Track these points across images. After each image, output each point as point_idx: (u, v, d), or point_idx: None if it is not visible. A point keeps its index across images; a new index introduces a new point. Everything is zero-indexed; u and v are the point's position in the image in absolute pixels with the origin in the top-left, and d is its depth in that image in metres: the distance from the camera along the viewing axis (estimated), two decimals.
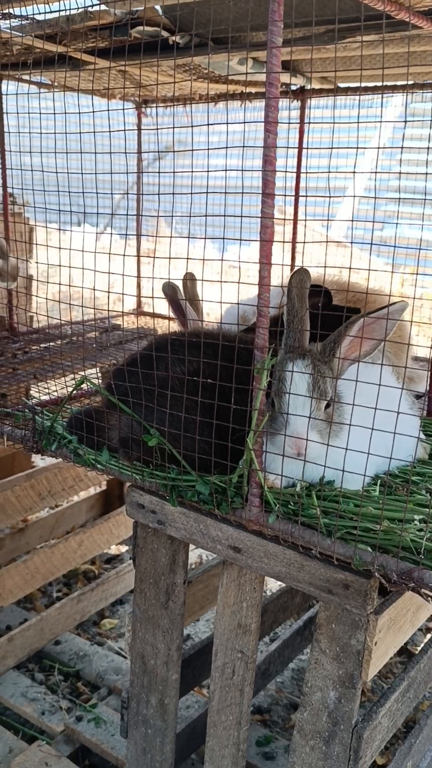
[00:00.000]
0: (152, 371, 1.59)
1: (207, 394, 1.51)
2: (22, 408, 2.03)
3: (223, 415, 1.48)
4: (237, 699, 1.71)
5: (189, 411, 1.53)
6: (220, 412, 1.49)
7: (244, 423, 1.45)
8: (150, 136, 3.58)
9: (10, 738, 2.33)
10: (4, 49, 2.40)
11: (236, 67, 2.43)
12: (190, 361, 1.58)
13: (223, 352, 1.51)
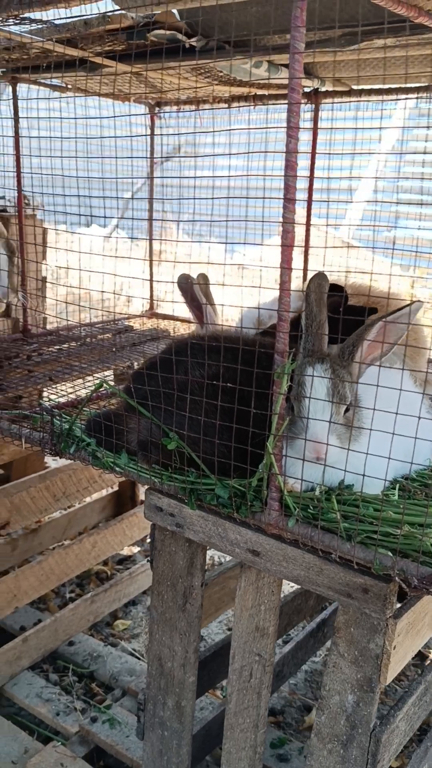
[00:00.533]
0: (171, 375, 1.59)
1: (226, 398, 1.52)
2: (40, 410, 2.04)
3: (242, 418, 1.49)
4: (254, 702, 1.71)
5: (208, 415, 1.53)
6: (239, 416, 1.49)
7: (262, 427, 1.45)
8: (162, 138, 3.59)
9: (25, 738, 2.34)
10: (21, 52, 2.41)
11: (251, 70, 2.43)
12: (209, 364, 1.59)
13: (242, 355, 1.52)
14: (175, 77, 2.70)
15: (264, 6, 2.04)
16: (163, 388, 1.60)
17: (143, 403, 1.66)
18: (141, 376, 1.66)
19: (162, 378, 1.59)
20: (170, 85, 2.80)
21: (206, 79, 2.66)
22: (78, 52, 2.28)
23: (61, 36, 2.18)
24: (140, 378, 1.66)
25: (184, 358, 1.57)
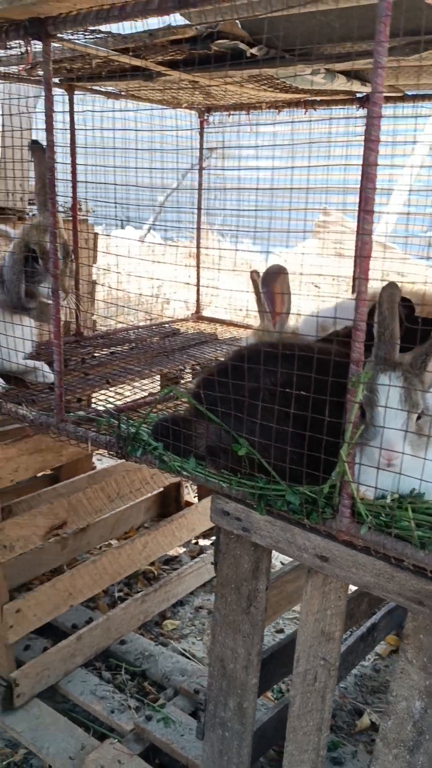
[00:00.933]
0: (241, 382, 1.62)
1: (297, 406, 1.54)
2: (105, 414, 2.09)
3: (312, 426, 1.51)
4: (318, 705, 1.73)
5: (279, 422, 1.56)
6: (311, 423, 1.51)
7: (333, 434, 1.47)
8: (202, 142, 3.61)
9: (81, 734, 2.39)
10: (83, 62, 2.46)
11: (310, 78, 2.45)
12: (280, 372, 1.61)
13: (312, 363, 1.54)
14: (230, 85, 2.73)
15: (326, 15, 2.06)
16: (234, 395, 1.62)
17: (212, 409, 1.69)
18: (211, 382, 1.68)
19: (233, 385, 1.62)
20: (224, 91, 2.83)
21: (262, 86, 2.68)
22: (140, 61, 2.32)
23: (125, 46, 2.23)
24: (210, 384, 1.69)
25: (254, 366, 1.59)
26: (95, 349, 3.11)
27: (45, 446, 2.43)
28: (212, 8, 1.52)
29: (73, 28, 1.79)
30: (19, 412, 2.17)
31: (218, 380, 1.64)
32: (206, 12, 1.86)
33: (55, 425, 2.08)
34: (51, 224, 1.97)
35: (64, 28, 1.80)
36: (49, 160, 1.92)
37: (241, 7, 1.48)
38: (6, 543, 2.35)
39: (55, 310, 2.01)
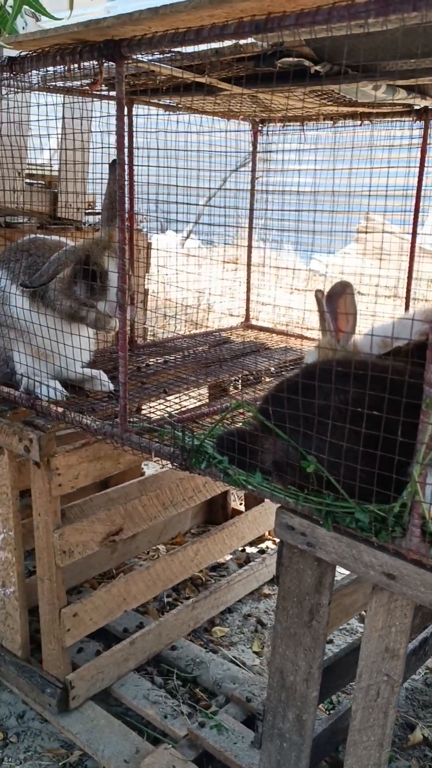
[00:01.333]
0: (313, 399, 1.64)
1: (368, 424, 1.55)
2: (169, 425, 2.12)
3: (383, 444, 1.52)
4: (380, 721, 1.74)
5: (349, 440, 1.58)
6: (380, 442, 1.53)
7: (404, 453, 1.49)
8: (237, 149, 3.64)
9: (135, 738, 2.43)
10: (147, 78, 2.51)
11: (373, 93, 2.47)
12: (346, 390, 1.63)
13: (380, 382, 1.55)
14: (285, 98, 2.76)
15: (393, 33, 2.07)
16: (303, 412, 1.65)
17: (280, 425, 1.71)
18: (280, 399, 1.71)
19: (302, 402, 1.64)
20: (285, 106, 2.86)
21: (321, 100, 2.70)
22: (205, 78, 2.35)
23: (191, 63, 2.27)
24: (278, 400, 1.72)
25: (327, 384, 1.62)
26: (148, 357, 3.16)
27: (104, 454, 2.48)
28: (290, 33, 1.54)
29: (148, 50, 1.83)
30: (83, 422, 2.22)
31: (287, 397, 1.67)
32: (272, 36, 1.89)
33: (118, 435, 2.13)
34: (120, 240, 2.01)
35: (138, 51, 1.84)
36: (121, 178, 1.97)
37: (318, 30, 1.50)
38: (66, 548, 2.40)
39: (121, 323, 2.06)
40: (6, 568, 2.58)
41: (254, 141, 3.59)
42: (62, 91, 2.72)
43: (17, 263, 2.50)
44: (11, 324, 2.48)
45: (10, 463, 2.46)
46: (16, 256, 2.52)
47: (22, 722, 2.60)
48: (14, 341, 2.49)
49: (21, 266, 2.49)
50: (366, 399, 1.52)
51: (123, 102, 1.93)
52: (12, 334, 2.49)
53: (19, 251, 2.54)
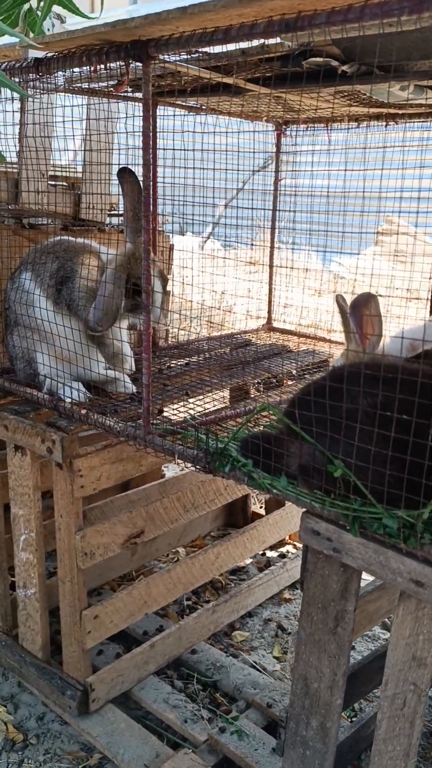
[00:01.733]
0: (337, 403, 1.62)
1: (396, 428, 1.53)
2: (193, 427, 2.11)
3: (413, 449, 1.50)
4: (406, 730, 1.71)
5: (377, 444, 1.55)
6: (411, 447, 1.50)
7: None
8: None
9: (156, 743, 2.42)
10: (172, 79, 2.50)
11: (402, 94, 2.44)
12: (375, 394, 1.60)
13: (410, 385, 1.53)
14: (313, 99, 2.73)
15: (424, 32, 2.04)
16: (330, 416, 1.62)
17: (306, 428, 1.69)
18: (306, 402, 1.69)
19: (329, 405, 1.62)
20: (313, 108, 2.84)
21: (347, 101, 2.68)
22: (231, 79, 2.34)
23: (217, 64, 2.25)
24: (305, 403, 1.70)
25: (355, 387, 1.59)
26: (170, 359, 3.15)
27: (126, 456, 2.47)
28: (320, 32, 1.52)
29: (175, 50, 1.82)
30: (106, 423, 2.21)
31: (315, 400, 1.65)
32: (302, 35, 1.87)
33: (142, 437, 2.12)
34: (144, 241, 2.00)
35: (165, 51, 1.83)
36: (146, 179, 1.96)
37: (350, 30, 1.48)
38: (87, 550, 2.40)
39: (146, 325, 2.05)
40: (27, 570, 2.58)
41: (278, 142, 3.57)
42: (87, 92, 2.72)
43: (43, 266, 2.50)
44: (35, 326, 2.48)
45: (33, 464, 2.46)
46: (42, 259, 2.52)
47: (42, 724, 2.59)
48: (38, 342, 2.49)
49: (47, 270, 2.49)
50: (395, 402, 1.49)
51: (149, 102, 1.92)
52: (36, 336, 2.49)
53: (45, 254, 2.54)
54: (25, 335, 2.52)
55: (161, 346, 3.32)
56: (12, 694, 2.73)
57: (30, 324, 2.50)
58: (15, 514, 2.58)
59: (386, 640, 3.03)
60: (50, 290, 2.47)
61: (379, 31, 1.46)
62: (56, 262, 2.50)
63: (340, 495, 1.65)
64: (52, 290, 2.47)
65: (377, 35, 1.78)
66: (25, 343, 2.53)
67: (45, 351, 2.50)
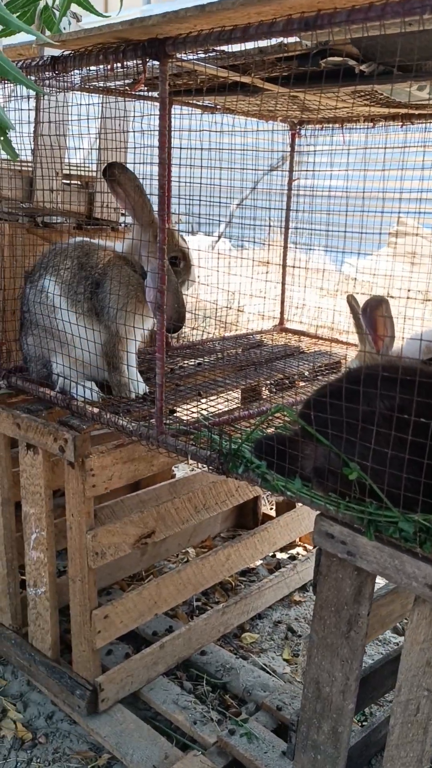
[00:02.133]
0: (354, 405, 1.61)
1: (413, 431, 1.51)
2: (206, 428, 2.10)
3: (429, 452, 1.48)
4: (419, 736, 1.70)
5: (393, 447, 1.53)
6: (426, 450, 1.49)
7: None
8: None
9: (165, 744, 2.41)
10: (188, 78, 2.49)
11: (416, 93, 2.42)
12: (392, 396, 1.59)
13: (428, 388, 1.51)
14: (330, 99, 2.72)
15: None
16: (346, 418, 1.61)
17: (321, 431, 1.68)
18: (322, 404, 1.67)
19: (345, 408, 1.60)
20: (334, 108, 2.82)
21: (363, 101, 2.66)
22: (248, 78, 2.33)
23: (234, 63, 2.24)
24: (321, 405, 1.68)
25: (372, 389, 1.58)
26: (182, 359, 3.14)
27: (138, 455, 2.46)
28: (339, 30, 1.51)
29: (193, 48, 1.81)
30: (119, 423, 2.21)
31: (330, 402, 1.63)
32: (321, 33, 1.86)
33: (154, 437, 2.11)
34: (159, 240, 1.99)
35: (183, 49, 1.82)
36: (161, 177, 1.95)
37: (371, 28, 1.47)
38: (98, 550, 2.39)
39: (159, 324, 2.04)
40: (38, 568, 2.58)
41: (292, 142, 3.56)
42: (102, 91, 2.72)
43: (68, 271, 2.45)
44: (54, 329, 2.44)
45: (45, 462, 2.45)
46: (66, 264, 2.47)
47: (51, 723, 2.59)
48: (51, 342, 2.48)
49: (73, 275, 2.45)
50: (413, 405, 1.48)
51: (166, 101, 1.91)
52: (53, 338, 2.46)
53: (68, 258, 2.49)
54: (43, 337, 2.49)
55: (174, 346, 3.31)
56: (21, 692, 2.72)
57: (48, 325, 2.46)
58: (26, 512, 2.57)
59: (397, 644, 3.01)
60: (78, 297, 2.42)
61: (400, 29, 1.45)
62: (83, 270, 2.45)
63: (355, 498, 1.63)
64: (81, 297, 2.43)
65: (398, 34, 1.77)
66: (42, 343, 2.51)
67: (61, 352, 2.47)
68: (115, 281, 2.41)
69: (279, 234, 3.79)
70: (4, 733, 2.52)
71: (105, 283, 2.43)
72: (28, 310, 2.52)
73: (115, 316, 2.41)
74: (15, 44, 2.69)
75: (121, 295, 2.40)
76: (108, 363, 2.49)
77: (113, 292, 2.40)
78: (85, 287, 2.43)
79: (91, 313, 2.45)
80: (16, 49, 2.64)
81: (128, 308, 2.41)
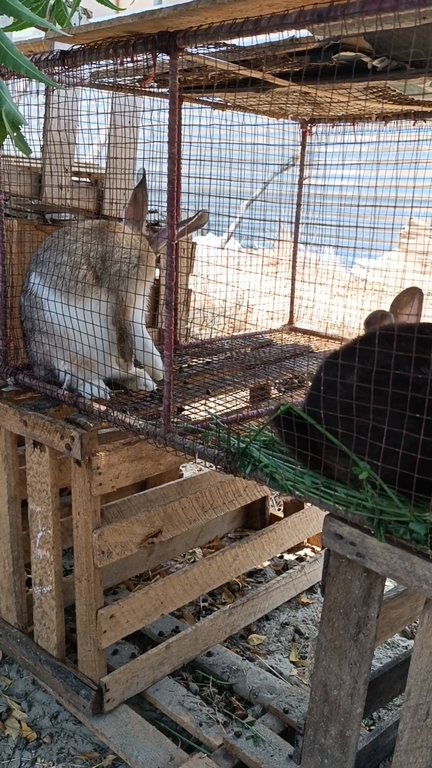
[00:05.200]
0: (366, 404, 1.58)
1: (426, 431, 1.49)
2: (206, 425, 2.08)
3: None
4: (429, 742, 1.66)
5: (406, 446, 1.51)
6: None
7: None
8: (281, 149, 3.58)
9: (170, 746, 2.38)
10: (198, 74, 2.47)
11: (430, 90, 2.39)
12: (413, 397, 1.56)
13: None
14: (342, 96, 2.69)
15: None
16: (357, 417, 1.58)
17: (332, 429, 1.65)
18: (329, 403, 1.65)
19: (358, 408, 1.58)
20: (345, 105, 2.79)
21: (377, 97, 2.63)
22: (260, 74, 2.30)
23: (245, 58, 2.22)
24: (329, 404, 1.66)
25: (384, 389, 1.55)
26: (191, 358, 3.12)
27: (145, 454, 2.44)
28: (353, 21, 1.48)
29: (203, 42, 1.79)
30: (126, 421, 2.19)
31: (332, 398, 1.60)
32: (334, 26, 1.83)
33: (162, 436, 2.09)
34: (168, 236, 1.97)
35: (194, 42, 1.80)
36: (171, 173, 1.93)
37: (385, 20, 1.44)
38: (104, 549, 2.37)
39: (168, 321, 2.02)
40: (44, 567, 2.56)
41: (303, 141, 3.53)
42: (112, 87, 2.70)
43: (55, 265, 2.43)
44: (52, 331, 2.41)
45: (51, 460, 2.44)
46: (56, 258, 2.44)
47: (56, 723, 2.57)
48: (56, 347, 2.43)
49: (66, 261, 2.43)
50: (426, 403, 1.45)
51: (176, 95, 1.89)
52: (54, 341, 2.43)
53: (57, 251, 2.46)
54: (45, 342, 2.45)
55: (182, 345, 3.29)
56: (26, 691, 2.71)
57: (47, 329, 2.43)
58: (32, 510, 2.56)
59: (406, 647, 2.97)
60: (89, 276, 2.40)
61: (415, 21, 1.42)
62: (80, 249, 2.43)
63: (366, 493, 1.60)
64: (91, 275, 2.41)
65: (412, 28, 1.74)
66: (45, 348, 2.47)
67: (64, 355, 2.44)
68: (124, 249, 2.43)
69: (289, 234, 3.77)
70: (8, 732, 2.50)
71: (115, 252, 2.44)
72: (26, 318, 2.50)
73: (126, 278, 2.43)
74: (25, 41, 2.68)
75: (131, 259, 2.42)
76: (118, 331, 2.49)
77: (123, 259, 2.42)
78: (88, 266, 2.41)
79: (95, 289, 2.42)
80: (27, 45, 2.62)
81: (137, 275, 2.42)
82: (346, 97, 2.63)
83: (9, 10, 1.50)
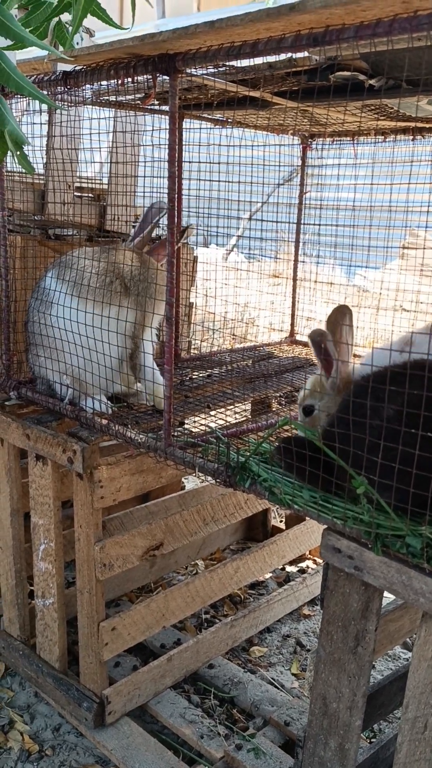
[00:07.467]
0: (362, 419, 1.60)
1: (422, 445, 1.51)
2: (207, 439, 2.10)
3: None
4: (427, 755, 1.67)
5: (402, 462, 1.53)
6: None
7: None
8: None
9: (171, 758, 2.39)
10: (199, 92, 2.51)
11: (425, 107, 2.43)
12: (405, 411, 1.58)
13: None
14: (339, 113, 2.73)
15: None
16: (354, 432, 1.60)
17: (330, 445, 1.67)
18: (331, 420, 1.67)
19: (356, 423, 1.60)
20: (343, 122, 2.83)
21: (374, 115, 2.67)
22: (258, 93, 2.34)
23: (243, 77, 2.26)
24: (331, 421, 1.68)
25: (381, 405, 1.57)
26: (192, 371, 3.14)
27: (146, 467, 2.46)
28: (348, 46, 1.52)
29: (202, 64, 1.83)
30: (128, 435, 2.21)
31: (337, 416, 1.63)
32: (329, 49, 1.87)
33: (162, 449, 2.11)
34: (168, 252, 2.00)
35: (193, 64, 1.84)
36: (171, 191, 1.96)
37: (379, 44, 1.47)
38: (106, 561, 2.39)
39: (169, 336, 2.04)
40: (46, 579, 2.58)
41: (303, 156, 3.57)
42: (114, 105, 2.74)
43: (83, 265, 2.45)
44: (59, 347, 2.43)
45: (54, 473, 2.46)
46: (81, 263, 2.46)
47: (58, 735, 2.58)
48: (60, 363, 2.45)
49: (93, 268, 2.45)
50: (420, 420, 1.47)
51: (176, 115, 1.92)
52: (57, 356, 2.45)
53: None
54: (52, 357, 2.47)
55: (183, 358, 3.32)
56: (29, 704, 2.72)
57: (54, 324, 2.44)
58: (35, 523, 2.58)
59: (407, 659, 2.98)
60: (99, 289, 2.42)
61: (408, 45, 1.45)
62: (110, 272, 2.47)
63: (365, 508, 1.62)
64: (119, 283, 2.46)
65: (406, 49, 1.77)
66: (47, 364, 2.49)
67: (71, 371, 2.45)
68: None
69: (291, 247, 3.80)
70: (10, 744, 2.51)
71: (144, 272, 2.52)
72: (33, 331, 2.51)
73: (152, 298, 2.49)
74: (29, 59, 2.72)
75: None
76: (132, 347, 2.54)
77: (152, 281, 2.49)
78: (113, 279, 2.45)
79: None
80: (30, 63, 2.67)
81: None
82: (343, 114, 2.66)
83: (12, 34, 1.54)
